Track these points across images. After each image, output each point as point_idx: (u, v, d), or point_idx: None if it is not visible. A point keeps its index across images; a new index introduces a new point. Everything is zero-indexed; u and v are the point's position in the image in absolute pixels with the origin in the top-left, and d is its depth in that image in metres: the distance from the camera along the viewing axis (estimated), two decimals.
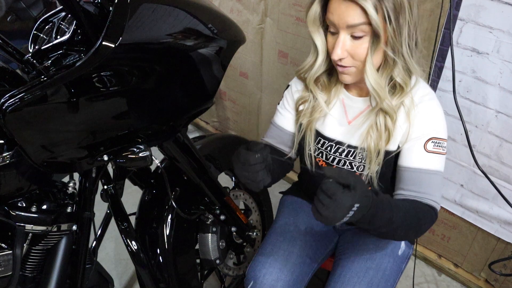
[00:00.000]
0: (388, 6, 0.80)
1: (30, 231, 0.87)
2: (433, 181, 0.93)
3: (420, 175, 0.93)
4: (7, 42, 0.90)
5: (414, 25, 0.86)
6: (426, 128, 0.92)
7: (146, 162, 0.90)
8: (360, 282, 1.01)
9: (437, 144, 0.92)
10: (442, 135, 0.93)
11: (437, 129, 0.93)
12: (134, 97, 0.83)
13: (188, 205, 1.23)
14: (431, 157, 0.92)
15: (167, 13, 0.79)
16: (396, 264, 1.07)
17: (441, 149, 0.93)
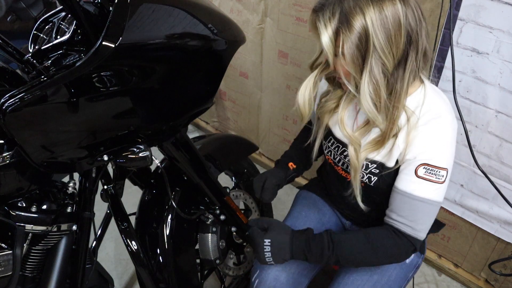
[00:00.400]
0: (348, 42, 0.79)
1: (30, 231, 0.87)
2: (418, 208, 0.88)
3: (404, 198, 0.89)
4: (7, 42, 0.90)
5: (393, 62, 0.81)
6: (421, 152, 0.87)
7: (146, 162, 0.90)
8: (364, 285, 1.01)
9: (429, 171, 0.86)
10: (439, 163, 0.86)
11: (433, 155, 0.86)
12: (134, 97, 0.83)
13: (188, 205, 1.23)
14: (421, 183, 0.87)
15: (167, 13, 0.79)
16: (402, 271, 1.06)
17: (434, 177, 0.86)
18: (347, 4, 0.78)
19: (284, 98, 2.03)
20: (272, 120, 2.18)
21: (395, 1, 0.78)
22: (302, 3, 1.68)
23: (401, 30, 0.79)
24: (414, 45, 0.81)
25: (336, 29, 0.79)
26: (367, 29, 0.78)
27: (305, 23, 1.72)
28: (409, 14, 0.79)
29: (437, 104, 0.88)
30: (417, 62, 0.83)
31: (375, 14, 0.77)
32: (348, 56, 0.80)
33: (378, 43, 0.78)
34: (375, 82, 0.81)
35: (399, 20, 0.78)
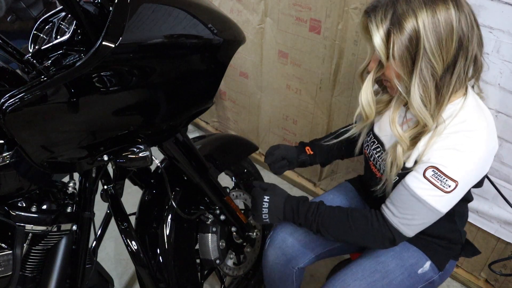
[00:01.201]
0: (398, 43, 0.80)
1: (30, 231, 0.87)
2: (414, 205, 0.88)
3: (405, 191, 0.89)
4: (7, 42, 0.90)
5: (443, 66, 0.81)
6: (436, 156, 0.85)
7: (146, 162, 0.90)
8: (362, 279, 1.01)
9: (437, 176, 0.84)
10: (450, 172, 0.84)
11: (447, 163, 0.84)
12: (134, 97, 0.83)
13: (188, 205, 1.23)
14: (426, 184, 0.86)
15: (167, 13, 0.79)
16: (410, 280, 1.03)
17: (439, 183, 0.84)
18: (399, 6, 0.80)
19: (284, 98, 2.03)
20: (272, 120, 2.18)
21: (448, 6, 0.79)
22: (302, 3, 1.68)
23: (452, 35, 0.79)
24: (464, 51, 0.81)
25: (388, 30, 0.81)
26: (418, 32, 0.79)
27: (305, 23, 1.72)
28: (462, 19, 0.80)
29: (474, 119, 0.86)
30: (465, 69, 0.83)
31: (427, 18, 0.78)
32: (398, 58, 0.81)
33: (429, 46, 0.79)
34: (425, 84, 0.82)
35: (451, 24, 0.79)
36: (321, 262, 1.76)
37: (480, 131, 0.85)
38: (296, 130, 2.08)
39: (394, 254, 1.05)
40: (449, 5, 0.79)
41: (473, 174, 0.88)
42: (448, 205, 0.89)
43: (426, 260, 1.05)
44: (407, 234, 0.92)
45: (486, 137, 0.86)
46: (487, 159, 0.88)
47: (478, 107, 0.89)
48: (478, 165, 0.86)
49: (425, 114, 0.85)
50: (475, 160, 0.85)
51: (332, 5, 1.58)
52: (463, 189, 0.87)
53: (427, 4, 0.79)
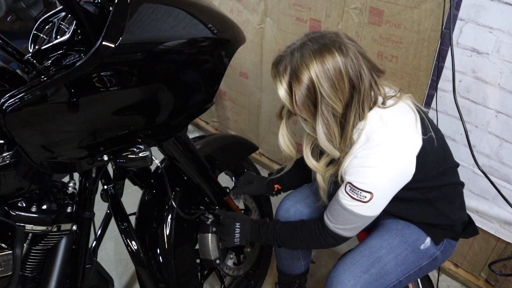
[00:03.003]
0: (298, 93, 0.92)
1: (30, 231, 0.87)
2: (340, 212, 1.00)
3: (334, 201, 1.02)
4: (7, 42, 0.90)
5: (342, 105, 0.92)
6: (350, 173, 0.97)
7: (146, 162, 0.90)
8: (369, 255, 1.08)
9: (353, 190, 0.96)
10: (362, 186, 0.95)
11: (357, 178, 0.95)
12: (134, 97, 0.83)
13: (188, 205, 1.23)
14: (346, 196, 0.98)
15: (167, 13, 0.79)
16: (414, 255, 1.10)
17: (356, 196, 0.96)
18: (295, 60, 0.92)
19: None
20: (272, 120, 2.18)
21: (334, 54, 0.90)
22: (302, 3, 1.68)
23: (343, 77, 0.90)
24: (357, 89, 0.92)
25: (289, 83, 0.93)
26: (313, 81, 0.90)
27: (305, 23, 1.72)
28: (348, 63, 0.91)
29: (375, 135, 0.95)
30: (362, 103, 0.94)
31: (318, 67, 0.89)
32: (301, 105, 0.94)
33: (325, 92, 0.90)
34: (327, 124, 0.94)
35: (340, 69, 0.90)
36: (321, 262, 1.76)
37: (383, 143, 0.94)
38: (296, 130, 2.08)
39: (397, 232, 1.13)
40: (334, 54, 0.90)
41: (387, 182, 0.96)
42: (373, 210, 0.99)
43: (426, 236, 1.12)
44: (345, 235, 1.05)
45: (391, 145, 0.94)
46: (398, 165, 0.95)
47: (381, 121, 0.96)
48: (388, 172, 0.95)
49: (331, 148, 0.97)
50: (383, 169, 0.94)
51: (332, 5, 1.58)
52: (383, 195, 0.98)
53: (316, 56, 0.90)
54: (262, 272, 1.65)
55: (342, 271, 1.07)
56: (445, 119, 1.43)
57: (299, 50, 0.92)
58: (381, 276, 1.06)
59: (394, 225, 1.15)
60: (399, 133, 0.96)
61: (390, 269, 1.07)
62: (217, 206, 1.27)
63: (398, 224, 1.15)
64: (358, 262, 1.07)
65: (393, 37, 1.44)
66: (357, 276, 1.05)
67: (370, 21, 1.47)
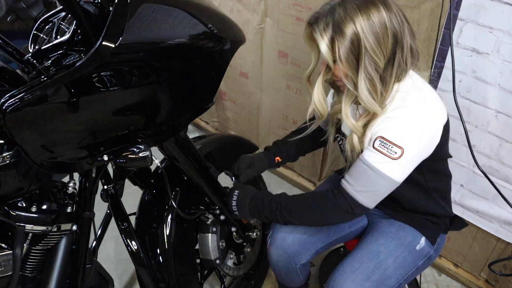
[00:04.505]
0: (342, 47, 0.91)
1: (30, 231, 0.87)
2: (365, 172, 0.97)
3: (358, 161, 0.99)
4: (7, 42, 0.90)
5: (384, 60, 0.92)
6: (381, 128, 0.96)
7: (146, 162, 0.90)
8: (368, 261, 1.07)
9: (383, 144, 0.94)
10: (393, 139, 0.93)
11: (389, 131, 0.94)
12: (134, 97, 0.83)
13: (188, 205, 1.23)
14: (374, 153, 0.95)
15: (167, 13, 0.79)
16: (411, 256, 1.10)
17: (386, 150, 0.94)
18: (338, 14, 0.90)
19: (284, 98, 2.03)
20: (272, 120, 2.18)
21: (379, 8, 0.90)
22: (302, 3, 1.68)
23: (387, 32, 0.90)
24: (400, 44, 0.92)
25: (331, 37, 0.92)
26: (358, 35, 0.89)
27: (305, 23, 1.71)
28: (393, 18, 0.91)
29: (410, 96, 0.96)
30: (404, 59, 0.94)
31: (364, 21, 0.89)
32: (344, 59, 0.92)
33: (369, 45, 0.89)
34: (370, 79, 0.93)
35: (385, 24, 0.90)
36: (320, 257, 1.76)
37: (417, 104, 0.95)
38: None
39: (392, 235, 1.13)
40: (380, 8, 0.90)
41: (418, 142, 0.95)
42: (398, 173, 0.96)
43: (421, 236, 1.13)
44: (363, 203, 0.99)
45: (424, 108, 0.95)
46: (430, 128, 0.96)
47: (414, 85, 0.98)
48: (421, 132, 0.94)
49: (373, 105, 0.95)
50: (416, 127, 0.94)
51: None
52: (411, 157, 0.95)
53: (361, 10, 0.89)
54: (262, 272, 1.65)
55: (343, 280, 1.05)
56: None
57: (341, 5, 0.91)
58: (382, 282, 1.06)
59: (388, 227, 1.15)
60: (432, 99, 0.97)
61: (391, 274, 1.07)
62: (217, 206, 1.27)
63: (392, 226, 1.15)
64: (358, 270, 1.06)
65: None
66: (359, 285, 1.04)
67: None
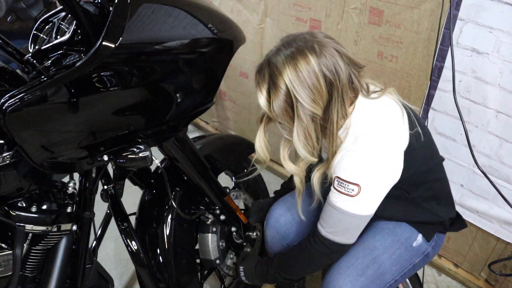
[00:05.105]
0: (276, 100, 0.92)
1: (30, 231, 0.87)
2: (331, 213, 0.97)
3: (326, 204, 0.99)
4: (7, 42, 0.90)
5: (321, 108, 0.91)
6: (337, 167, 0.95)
7: (146, 162, 0.90)
8: (363, 257, 1.07)
9: (340, 183, 0.94)
10: (348, 177, 0.92)
11: (344, 171, 0.93)
12: (134, 97, 0.83)
13: (188, 205, 1.23)
14: (335, 193, 0.96)
15: (167, 13, 0.79)
16: (407, 253, 1.10)
17: (343, 189, 0.93)
18: (271, 68, 0.91)
19: None
20: None
21: (307, 57, 0.88)
22: (302, 3, 1.68)
23: (318, 78, 0.88)
24: (335, 87, 0.90)
25: (268, 89, 0.94)
26: (288, 87, 0.89)
27: (305, 23, 1.72)
28: (323, 62, 0.88)
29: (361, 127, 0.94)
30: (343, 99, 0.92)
31: (291, 73, 0.88)
32: (278, 110, 0.93)
33: (300, 96, 0.89)
34: (305, 128, 0.92)
35: (314, 71, 0.88)
36: None
37: (369, 135, 0.92)
38: None
39: (388, 232, 1.13)
40: (307, 56, 0.88)
41: (374, 175, 0.93)
42: (363, 208, 0.95)
43: (418, 233, 1.13)
44: (339, 241, 1.00)
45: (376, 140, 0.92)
46: (385, 159, 0.93)
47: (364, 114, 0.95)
48: (374, 166, 0.92)
49: (305, 154, 0.96)
50: (368, 161, 0.92)
51: (332, 5, 1.58)
52: (371, 191, 0.94)
53: (288, 62, 0.89)
54: None
55: (337, 275, 1.06)
56: (445, 119, 1.43)
57: (274, 57, 0.92)
58: (377, 277, 1.06)
59: (385, 224, 1.15)
60: (385, 125, 0.94)
61: (386, 269, 1.07)
62: (217, 206, 1.27)
63: (389, 223, 1.15)
64: (353, 265, 1.06)
65: (393, 37, 1.44)
66: (354, 279, 1.04)
67: (370, 21, 1.47)
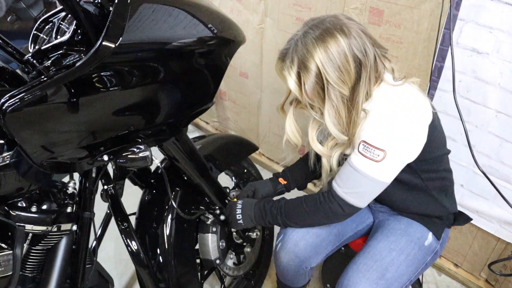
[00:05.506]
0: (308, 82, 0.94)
1: (30, 231, 0.87)
2: (351, 174, 0.99)
3: (346, 164, 1.02)
4: (7, 42, 0.90)
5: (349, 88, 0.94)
6: (364, 132, 0.96)
7: (146, 162, 0.90)
8: (382, 259, 1.09)
9: (366, 148, 0.96)
10: (375, 143, 0.94)
11: (371, 135, 0.95)
12: (134, 97, 0.83)
13: (188, 205, 1.23)
14: (359, 156, 0.97)
15: (167, 13, 0.79)
16: (420, 253, 1.12)
17: (369, 154, 0.95)
18: (300, 50, 0.93)
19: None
20: (272, 120, 2.18)
21: (336, 38, 0.91)
22: (302, 3, 1.68)
23: (348, 59, 0.91)
24: (363, 65, 0.93)
25: (298, 73, 0.95)
26: (319, 68, 0.91)
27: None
28: (353, 42, 0.91)
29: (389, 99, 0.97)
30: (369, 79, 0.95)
31: (321, 54, 0.91)
32: (310, 93, 0.96)
33: (331, 78, 0.91)
34: (336, 108, 0.95)
35: (344, 53, 0.91)
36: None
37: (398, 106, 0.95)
38: None
39: (401, 232, 1.14)
40: (337, 37, 0.91)
41: (400, 144, 0.95)
42: (384, 174, 0.98)
43: (428, 232, 1.15)
44: (353, 203, 1.02)
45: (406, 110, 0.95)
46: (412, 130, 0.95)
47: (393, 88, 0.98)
48: (402, 135, 0.94)
49: (337, 133, 0.98)
50: (397, 130, 0.94)
51: (332, 5, 1.58)
52: (395, 158, 0.96)
53: (318, 43, 0.91)
54: (262, 272, 1.65)
55: (357, 278, 1.06)
56: (445, 119, 1.43)
57: (302, 40, 0.93)
58: (396, 279, 1.07)
59: (397, 224, 1.16)
60: (413, 98, 0.97)
61: (403, 271, 1.08)
62: (217, 206, 1.27)
63: (400, 223, 1.16)
64: (372, 268, 1.07)
65: (393, 37, 1.44)
66: (374, 283, 1.05)
67: (370, 21, 1.47)
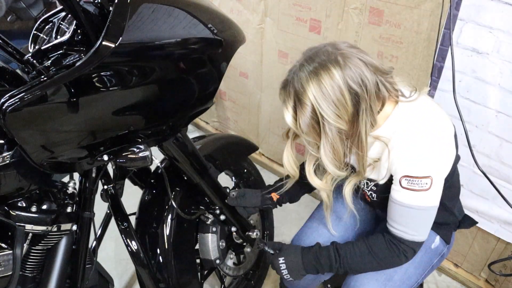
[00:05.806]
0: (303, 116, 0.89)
1: (30, 231, 0.87)
2: (408, 214, 0.94)
3: (395, 206, 0.95)
4: (7, 42, 0.90)
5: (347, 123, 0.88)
6: (400, 166, 0.91)
7: (146, 162, 0.90)
8: None
9: (411, 181, 0.90)
10: (418, 173, 0.90)
11: (410, 167, 0.90)
12: (134, 97, 0.83)
13: (188, 205, 1.23)
14: (406, 192, 0.92)
15: (167, 13, 0.79)
16: (427, 255, 1.12)
17: (417, 186, 0.90)
18: (295, 84, 0.89)
19: None
20: (272, 120, 2.18)
21: (330, 70, 0.84)
22: (302, 3, 1.68)
23: (343, 93, 0.85)
24: (361, 98, 0.86)
25: (294, 107, 0.92)
26: (313, 103, 0.86)
27: (305, 23, 1.72)
28: (348, 74, 0.84)
29: (411, 119, 0.92)
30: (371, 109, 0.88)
31: (315, 89, 0.85)
32: (305, 127, 0.91)
33: (325, 113, 0.86)
34: (331, 143, 0.90)
35: (339, 85, 0.84)
36: None
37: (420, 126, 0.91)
38: None
39: None
40: (331, 70, 0.84)
41: (441, 163, 0.92)
42: (436, 197, 0.94)
43: (435, 235, 1.13)
44: (419, 240, 0.97)
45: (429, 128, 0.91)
46: (445, 145, 0.92)
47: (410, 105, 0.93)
48: (440, 154, 0.91)
49: (333, 169, 0.94)
50: (431, 148, 0.90)
51: (332, 5, 1.58)
52: (441, 178, 0.93)
53: (311, 77, 0.86)
54: (262, 272, 1.65)
55: (366, 280, 1.05)
56: None
57: (297, 73, 0.89)
58: (403, 281, 1.07)
59: None
60: (434, 111, 0.93)
61: (411, 273, 1.08)
62: (217, 206, 1.27)
63: None
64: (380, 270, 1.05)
65: (393, 37, 1.44)
66: (383, 285, 1.04)
67: (370, 21, 1.47)
